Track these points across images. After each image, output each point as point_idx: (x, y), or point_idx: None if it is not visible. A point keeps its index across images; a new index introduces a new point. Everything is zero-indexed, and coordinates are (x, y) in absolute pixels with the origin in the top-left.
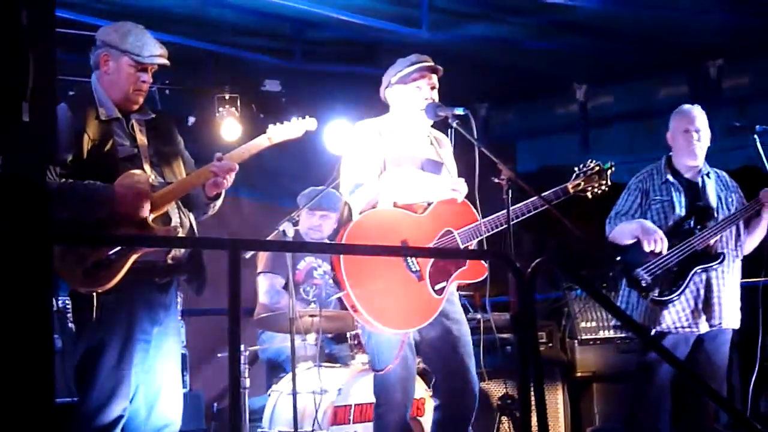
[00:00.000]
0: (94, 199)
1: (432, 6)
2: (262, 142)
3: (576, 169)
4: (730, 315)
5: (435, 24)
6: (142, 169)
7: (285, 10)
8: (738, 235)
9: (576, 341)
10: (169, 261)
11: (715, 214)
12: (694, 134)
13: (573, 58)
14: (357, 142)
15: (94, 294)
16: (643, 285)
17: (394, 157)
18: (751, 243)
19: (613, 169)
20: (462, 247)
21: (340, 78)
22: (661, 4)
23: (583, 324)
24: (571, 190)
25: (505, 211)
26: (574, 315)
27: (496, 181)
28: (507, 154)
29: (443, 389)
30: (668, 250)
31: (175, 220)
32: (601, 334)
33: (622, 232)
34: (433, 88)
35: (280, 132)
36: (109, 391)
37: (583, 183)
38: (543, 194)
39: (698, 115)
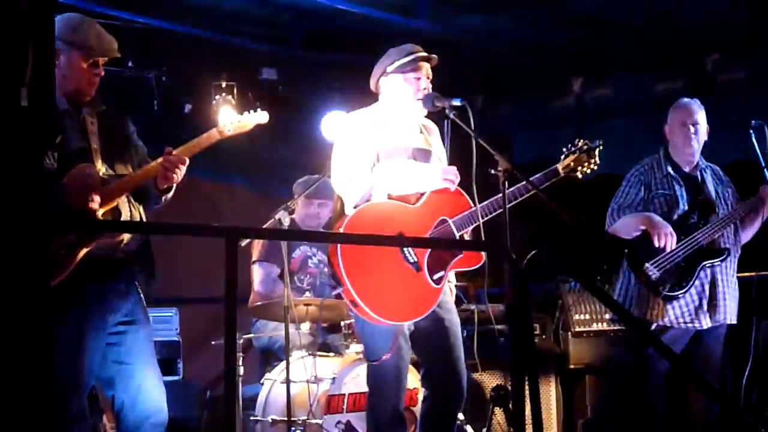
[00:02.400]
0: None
1: None
2: (212, 135)
3: (564, 149)
4: (731, 311)
5: (432, 14)
6: (93, 162)
7: None
8: (736, 230)
9: (569, 333)
10: (119, 255)
11: (716, 209)
12: (691, 128)
13: (570, 50)
14: (349, 134)
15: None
16: (653, 280)
17: (387, 148)
18: (744, 238)
19: (601, 147)
20: (457, 234)
21: (338, 67)
22: None
23: (576, 316)
24: (561, 172)
25: (497, 195)
26: (568, 307)
27: (493, 172)
28: (503, 145)
29: (432, 379)
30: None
31: (125, 214)
32: (595, 327)
33: (627, 224)
34: (428, 76)
35: (230, 125)
36: (67, 381)
37: (572, 163)
38: (533, 177)
39: (696, 109)
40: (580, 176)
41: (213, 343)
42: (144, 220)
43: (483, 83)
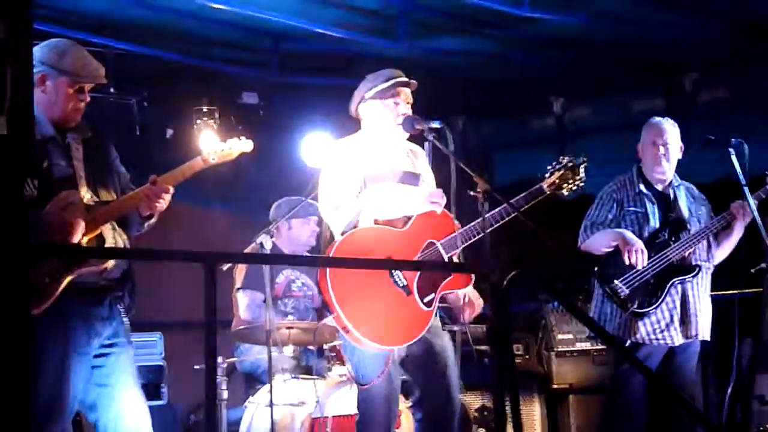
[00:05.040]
0: (32, 228)
1: (409, 19)
2: (196, 164)
3: (549, 166)
4: (704, 327)
5: (412, 37)
6: (78, 189)
7: (262, 23)
8: (709, 247)
9: (553, 353)
10: (102, 282)
11: (688, 226)
12: (661, 147)
13: (549, 71)
14: (334, 162)
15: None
16: (622, 297)
17: (373, 174)
18: (720, 255)
19: (586, 163)
20: (446, 256)
21: (318, 90)
22: (636, 19)
23: (559, 336)
24: (547, 189)
25: (480, 219)
26: (551, 327)
27: (473, 193)
28: (484, 166)
29: (426, 403)
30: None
31: (109, 241)
32: (578, 346)
33: (599, 241)
34: (407, 101)
35: (215, 154)
36: (47, 407)
37: (557, 180)
38: (519, 197)
39: (668, 128)
40: (565, 193)
41: (196, 368)
42: (128, 246)
43: (463, 104)
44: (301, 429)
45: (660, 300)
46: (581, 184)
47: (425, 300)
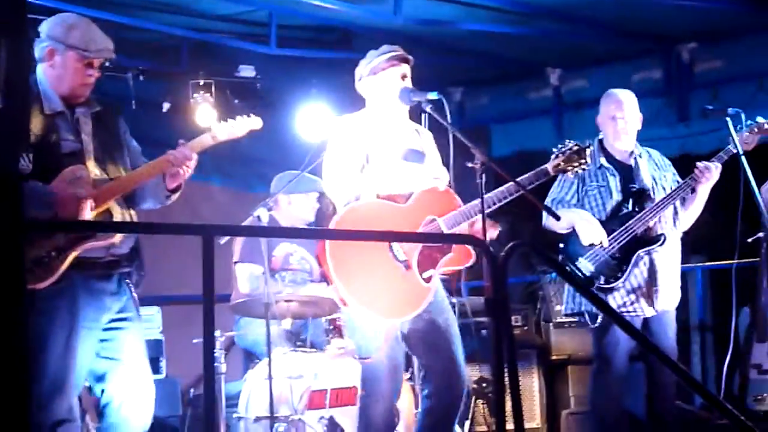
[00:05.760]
0: (35, 202)
1: None
2: (205, 140)
3: (554, 149)
4: (673, 296)
5: (409, 8)
6: (85, 164)
7: None
8: (675, 213)
9: (551, 324)
10: (109, 258)
11: (652, 195)
12: (620, 120)
13: (547, 42)
14: (338, 138)
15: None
16: (588, 275)
17: (377, 150)
18: (687, 220)
19: (592, 147)
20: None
21: (315, 63)
22: None
23: (558, 307)
24: (552, 171)
25: (486, 194)
26: (549, 298)
27: (470, 165)
28: (481, 138)
29: (432, 378)
30: (609, 236)
31: (116, 217)
32: (576, 317)
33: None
34: (404, 77)
35: (224, 130)
36: (57, 381)
37: (563, 163)
38: (523, 176)
39: (626, 98)
40: (571, 176)
41: (195, 342)
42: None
43: (461, 76)
44: (300, 401)
45: (626, 274)
46: (586, 168)
47: (424, 275)
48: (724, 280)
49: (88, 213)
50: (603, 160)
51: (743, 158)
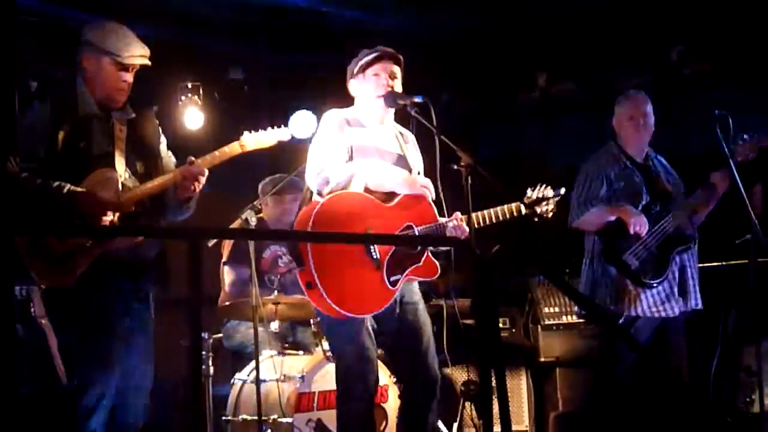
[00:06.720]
0: (59, 203)
1: None
2: (234, 149)
3: (529, 192)
4: (697, 296)
5: (398, 11)
6: (115, 167)
7: None
8: (691, 216)
9: (539, 326)
10: (135, 260)
11: (671, 197)
12: (640, 120)
13: (535, 45)
14: (324, 130)
15: (66, 287)
16: (633, 270)
17: (360, 146)
18: (695, 223)
19: (562, 194)
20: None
21: (304, 66)
22: None
23: (546, 309)
24: (524, 212)
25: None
26: (537, 300)
27: (456, 167)
28: (469, 140)
29: (402, 376)
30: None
31: (140, 221)
32: (564, 320)
33: (597, 216)
34: (393, 77)
35: (253, 140)
36: (96, 376)
37: (531, 209)
38: (497, 208)
39: (642, 100)
40: (537, 220)
41: (183, 344)
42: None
43: (448, 79)
44: (288, 404)
45: (667, 271)
46: (550, 216)
47: (391, 279)
48: (713, 281)
49: (112, 216)
50: (627, 161)
51: (731, 161)
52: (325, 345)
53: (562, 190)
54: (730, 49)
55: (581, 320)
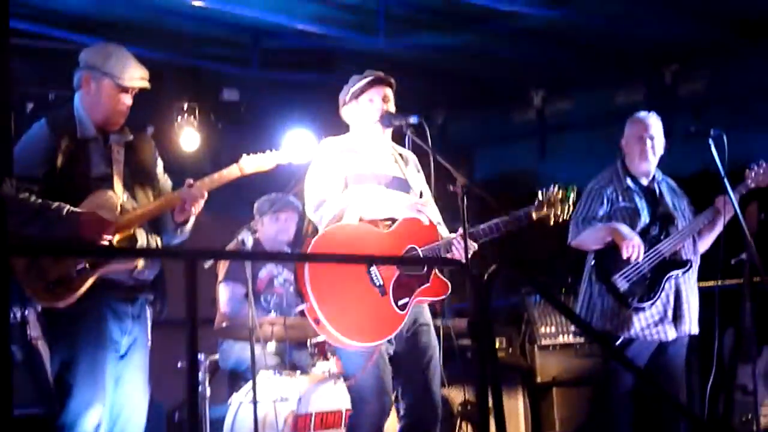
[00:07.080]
0: (59, 223)
1: (388, 14)
2: (233, 172)
3: (540, 195)
4: (694, 320)
5: (392, 32)
6: (114, 190)
7: (242, 19)
8: (694, 240)
9: (536, 346)
10: (133, 282)
11: (675, 221)
12: (648, 141)
13: (529, 64)
14: (320, 160)
15: (62, 308)
16: (621, 292)
17: (355, 174)
18: (702, 248)
19: (575, 193)
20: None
21: (298, 86)
22: (616, 12)
23: (542, 329)
24: (535, 218)
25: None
26: (534, 320)
27: (452, 188)
28: (465, 161)
29: (405, 399)
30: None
31: (141, 242)
32: (561, 339)
33: (593, 236)
34: (386, 100)
35: (252, 163)
36: (86, 400)
37: (546, 209)
38: (505, 218)
39: (653, 122)
40: (552, 223)
41: (179, 365)
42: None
43: (443, 99)
44: (285, 425)
45: (658, 293)
46: (567, 218)
47: (399, 303)
48: (708, 301)
49: (111, 237)
50: (630, 182)
51: (726, 180)
52: (323, 366)
53: (573, 194)
54: (726, 68)
55: (578, 340)
